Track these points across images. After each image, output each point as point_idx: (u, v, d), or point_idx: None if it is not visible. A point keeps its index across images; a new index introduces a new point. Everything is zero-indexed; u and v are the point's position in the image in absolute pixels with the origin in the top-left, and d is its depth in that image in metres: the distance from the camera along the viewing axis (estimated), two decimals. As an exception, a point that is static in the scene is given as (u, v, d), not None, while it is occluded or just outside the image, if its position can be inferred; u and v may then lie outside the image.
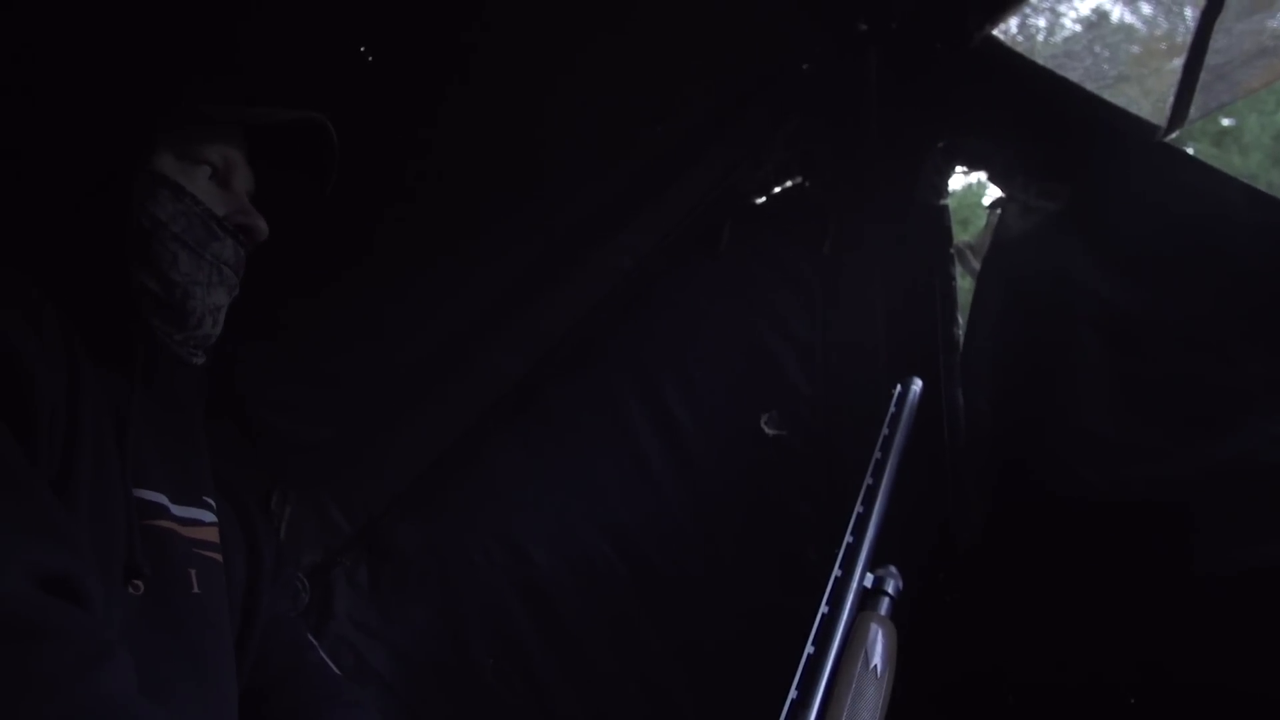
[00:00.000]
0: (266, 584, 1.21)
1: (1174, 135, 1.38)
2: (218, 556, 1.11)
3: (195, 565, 1.05)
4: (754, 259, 1.66)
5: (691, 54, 1.51)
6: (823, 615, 1.03)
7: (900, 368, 1.54)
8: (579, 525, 1.63)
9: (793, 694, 0.98)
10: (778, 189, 1.66)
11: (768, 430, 1.59)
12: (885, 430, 1.20)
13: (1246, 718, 1.12)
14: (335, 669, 1.32)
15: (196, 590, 1.03)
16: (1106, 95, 1.44)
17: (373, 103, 1.40)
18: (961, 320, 1.55)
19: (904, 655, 1.32)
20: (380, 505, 1.67)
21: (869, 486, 1.12)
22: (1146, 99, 1.49)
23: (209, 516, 1.13)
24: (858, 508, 1.11)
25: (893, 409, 1.23)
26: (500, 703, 1.59)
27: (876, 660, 1.01)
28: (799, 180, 1.66)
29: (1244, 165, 6.59)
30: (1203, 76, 1.35)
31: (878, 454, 1.17)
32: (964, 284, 1.60)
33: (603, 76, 1.50)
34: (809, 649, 1.01)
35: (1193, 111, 1.37)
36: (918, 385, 1.27)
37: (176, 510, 1.06)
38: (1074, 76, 1.49)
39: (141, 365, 1.06)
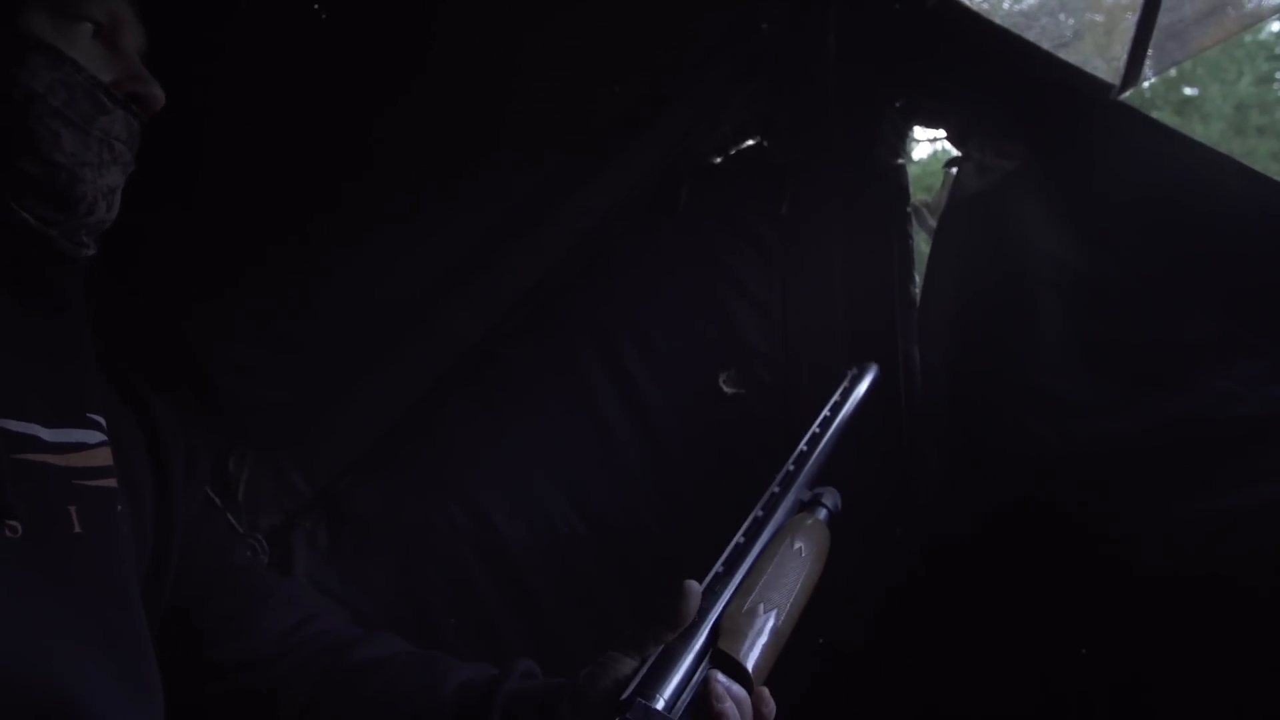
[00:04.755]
0: (178, 488, 1.10)
1: (1128, 94, 1.39)
2: (109, 482, 0.99)
3: (76, 500, 0.94)
4: (712, 219, 1.65)
5: (649, 14, 1.50)
6: (756, 517, 1.07)
7: (857, 326, 1.57)
8: (538, 486, 1.63)
9: (717, 568, 1.01)
10: (735, 149, 1.66)
11: (726, 389, 1.60)
12: (827, 412, 1.22)
13: (1193, 669, 1.15)
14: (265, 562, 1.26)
15: (79, 530, 0.93)
16: (1062, 54, 1.45)
17: (327, 61, 1.38)
18: (918, 279, 1.56)
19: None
20: (340, 467, 1.66)
21: (802, 452, 1.16)
22: (1103, 60, 1.50)
23: (95, 436, 0.99)
24: (788, 465, 1.15)
25: (836, 397, 1.25)
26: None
27: (801, 544, 1.05)
28: (757, 140, 1.65)
29: (1206, 134, 6.67)
30: (1156, 35, 1.36)
31: (815, 429, 1.19)
32: (922, 246, 1.61)
33: (560, 37, 1.49)
34: (738, 539, 1.04)
35: (1146, 70, 1.38)
36: (872, 373, 1.30)
37: (51, 437, 0.94)
38: (1030, 36, 1.49)
39: (5, 269, 0.93)
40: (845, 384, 1.27)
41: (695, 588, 0.97)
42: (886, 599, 1.48)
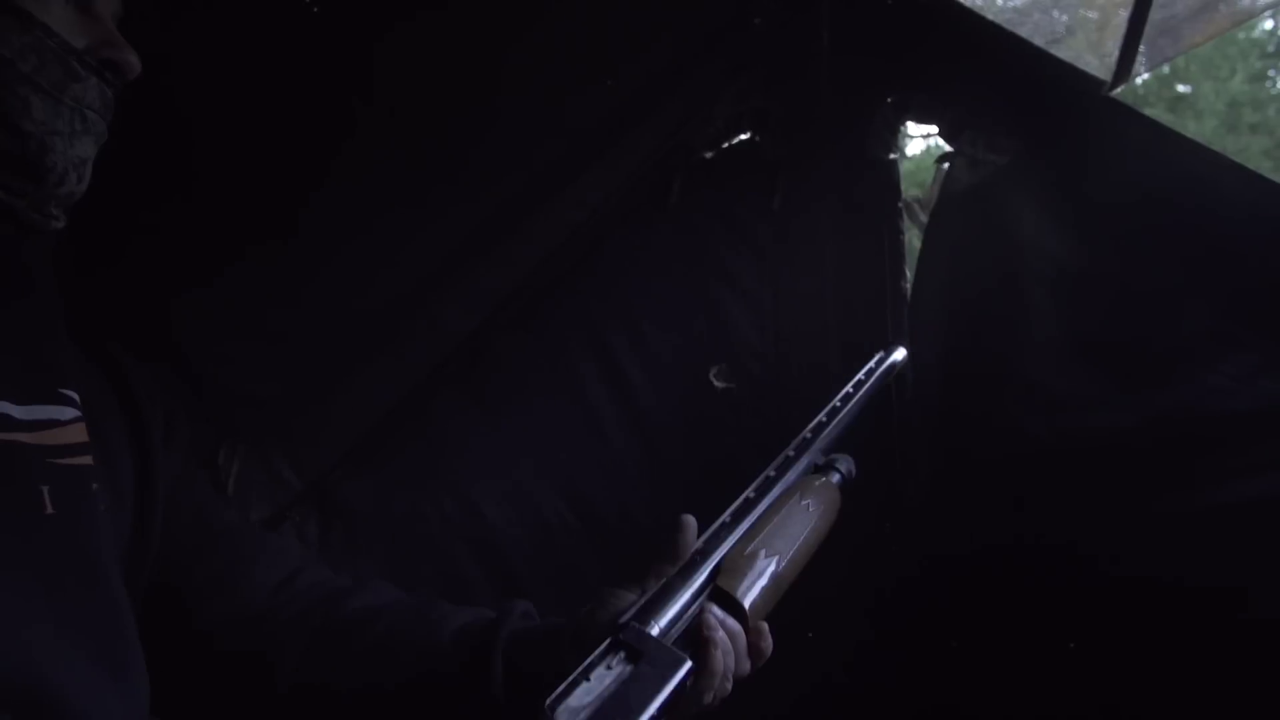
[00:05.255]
0: (158, 456, 1.07)
1: (1120, 90, 1.39)
2: (84, 460, 0.95)
3: (49, 480, 0.90)
4: (704, 214, 1.66)
5: (642, 8, 1.50)
6: (767, 476, 1.07)
7: (848, 321, 1.57)
8: (530, 480, 1.63)
9: (724, 518, 1.02)
10: (728, 144, 1.66)
11: (717, 383, 1.60)
12: (849, 388, 1.22)
13: (1179, 664, 1.15)
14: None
15: (51, 511, 0.90)
16: (1055, 50, 1.45)
17: (319, 53, 1.37)
18: (909, 274, 1.57)
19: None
20: (330, 460, 1.66)
21: (820, 423, 1.16)
22: (1096, 56, 1.50)
23: (69, 412, 0.96)
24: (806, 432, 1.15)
25: (861, 375, 1.25)
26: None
27: (810, 501, 1.07)
28: (750, 135, 1.66)
29: (1199, 131, 6.69)
30: (1148, 31, 1.36)
31: (836, 402, 1.19)
32: (914, 241, 1.61)
33: (553, 30, 1.49)
34: (748, 493, 1.04)
35: (1138, 66, 1.38)
36: (899, 355, 1.31)
37: (21, 414, 0.91)
38: (1023, 32, 1.49)
39: None
40: (871, 364, 1.27)
41: (691, 521, 1.02)
42: (874, 596, 1.48)
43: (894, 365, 1.30)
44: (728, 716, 1.36)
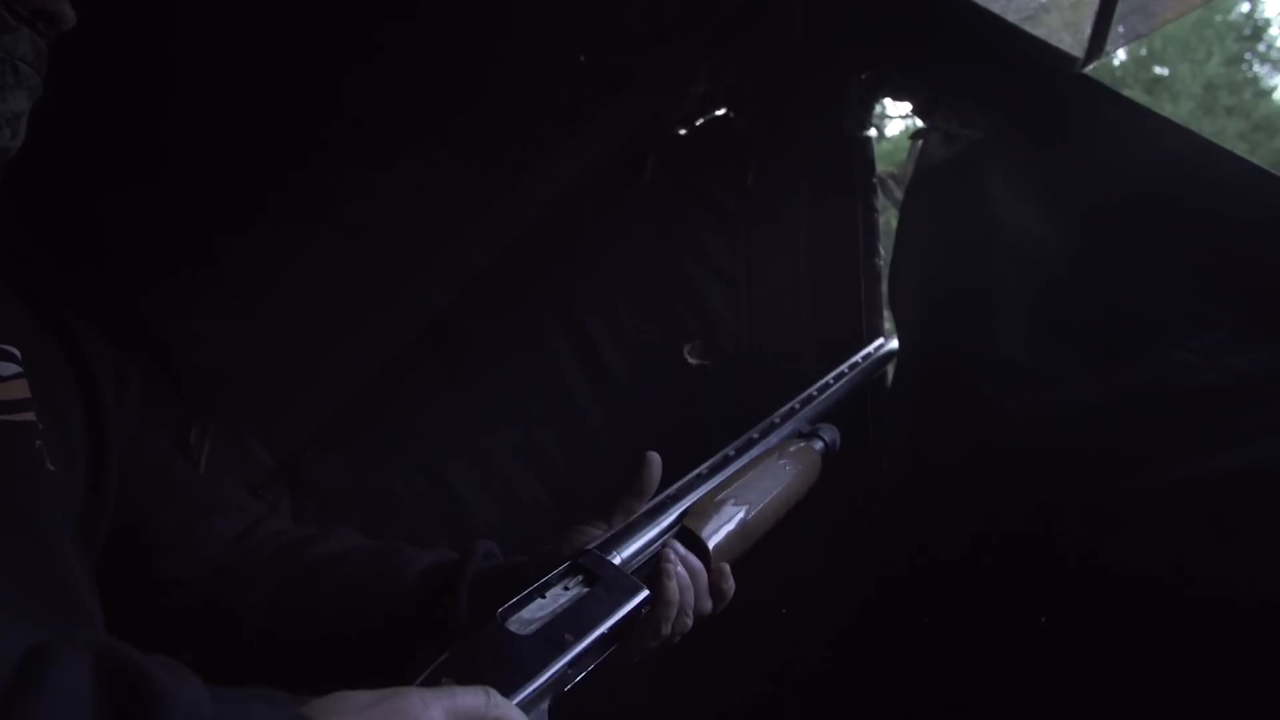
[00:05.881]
0: (110, 414, 1.04)
1: (1093, 68, 1.39)
2: (26, 416, 0.92)
3: None
4: (678, 190, 1.65)
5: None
6: (750, 438, 1.11)
7: (822, 298, 1.57)
8: (503, 457, 1.63)
9: (701, 470, 1.06)
10: (702, 120, 1.65)
11: (691, 360, 1.60)
12: (844, 368, 1.29)
13: (1146, 643, 1.16)
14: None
15: None
16: (1029, 27, 1.45)
17: (292, 35, 1.36)
18: (884, 251, 1.57)
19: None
20: (303, 438, 1.65)
21: (810, 395, 1.22)
22: (1070, 34, 1.50)
23: (9, 368, 0.93)
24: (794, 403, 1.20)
25: (858, 358, 1.33)
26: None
27: (788, 462, 1.11)
28: (724, 112, 1.65)
29: (1175, 113, 6.71)
30: (1120, 8, 1.36)
31: (830, 379, 1.25)
32: (890, 221, 1.61)
33: (525, 7, 1.47)
34: (728, 451, 1.09)
35: (1110, 44, 1.38)
36: (890, 347, 1.42)
37: None
38: (996, 8, 1.49)
39: None
40: (870, 348, 1.35)
41: (656, 457, 1.08)
42: (850, 575, 1.49)
43: (888, 355, 1.37)
44: (706, 686, 1.37)
